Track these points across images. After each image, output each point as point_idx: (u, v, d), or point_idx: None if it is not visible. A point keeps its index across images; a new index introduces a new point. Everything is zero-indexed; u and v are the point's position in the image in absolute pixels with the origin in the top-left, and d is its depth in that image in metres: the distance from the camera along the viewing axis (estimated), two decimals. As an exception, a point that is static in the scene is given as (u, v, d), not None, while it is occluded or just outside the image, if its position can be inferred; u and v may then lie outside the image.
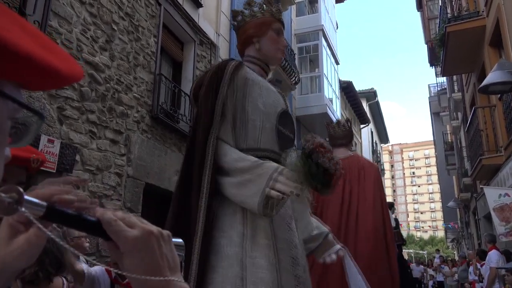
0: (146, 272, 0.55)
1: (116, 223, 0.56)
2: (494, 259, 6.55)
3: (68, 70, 0.50)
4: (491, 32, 7.98)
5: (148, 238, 0.56)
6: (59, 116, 4.60)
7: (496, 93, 6.80)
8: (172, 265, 0.58)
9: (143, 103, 6.11)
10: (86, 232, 0.59)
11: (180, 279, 0.57)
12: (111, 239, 0.56)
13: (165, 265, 0.56)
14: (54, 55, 0.49)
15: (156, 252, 0.56)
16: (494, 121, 8.52)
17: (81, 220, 0.56)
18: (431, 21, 16.70)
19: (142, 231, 0.56)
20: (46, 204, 0.53)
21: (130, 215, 0.58)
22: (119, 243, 0.56)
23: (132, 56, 5.94)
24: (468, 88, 11.80)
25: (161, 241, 0.57)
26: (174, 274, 0.57)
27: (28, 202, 0.51)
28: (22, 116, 0.53)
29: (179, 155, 6.92)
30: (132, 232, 0.56)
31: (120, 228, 0.55)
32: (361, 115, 22.68)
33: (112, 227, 0.55)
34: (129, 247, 0.55)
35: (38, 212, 0.52)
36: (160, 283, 0.55)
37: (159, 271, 0.55)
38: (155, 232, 0.57)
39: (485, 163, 8.35)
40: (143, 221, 0.59)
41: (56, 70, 0.48)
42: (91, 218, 0.57)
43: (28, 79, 0.49)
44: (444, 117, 21.91)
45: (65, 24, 4.76)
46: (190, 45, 7.77)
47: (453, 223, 25.34)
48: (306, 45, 14.32)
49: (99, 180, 5.12)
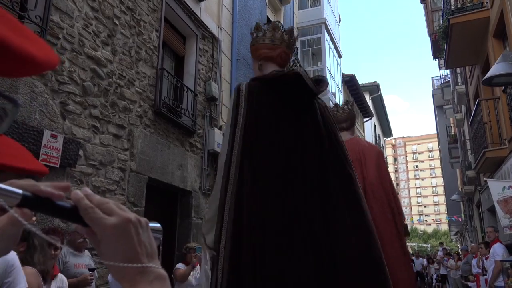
0: (124, 259, 0.55)
1: (92, 210, 0.55)
2: (500, 252, 6.54)
3: (43, 56, 0.50)
4: (495, 23, 7.91)
5: (126, 225, 0.56)
6: (61, 111, 4.60)
7: (500, 85, 6.75)
8: (149, 252, 0.58)
9: (145, 98, 6.10)
10: (63, 219, 0.59)
11: (157, 265, 0.57)
12: (88, 225, 0.56)
13: (143, 252, 0.56)
14: (29, 42, 0.49)
15: (134, 239, 0.56)
16: (498, 114, 8.46)
17: (57, 207, 0.56)
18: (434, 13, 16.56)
19: (120, 218, 0.56)
20: (21, 192, 0.53)
21: (108, 202, 0.57)
22: (96, 230, 0.55)
23: (134, 51, 5.93)
24: (472, 81, 11.73)
25: (139, 228, 0.57)
26: (152, 260, 0.57)
27: (3, 190, 0.51)
28: None
29: (182, 150, 6.93)
30: (109, 220, 0.55)
31: (97, 216, 0.55)
32: (364, 109, 22.61)
33: (88, 214, 0.55)
34: (107, 234, 0.55)
35: (14, 200, 0.52)
36: (138, 270, 0.55)
37: (137, 258, 0.55)
38: (133, 219, 0.57)
39: (489, 155, 8.31)
40: (121, 207, 0.58)
41: (32, 56, 0.48)
42: (67, 205, 0.56)
43: (4, 66, 0.49)
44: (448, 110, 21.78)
45: (66, 19, 4.75)
46: (192, 39, 7.75)
47: (456, 217, 25.31)
48: (309, 39, 14.26)
49: (103, 175, 5.13)
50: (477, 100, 9.28)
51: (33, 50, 0.48)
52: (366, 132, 25.12)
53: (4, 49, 0.44)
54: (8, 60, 0.47)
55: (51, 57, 0.52)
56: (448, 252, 16.31)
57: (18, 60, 0.47)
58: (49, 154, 4.22)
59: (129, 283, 0.55)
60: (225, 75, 8.60)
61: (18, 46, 0.46)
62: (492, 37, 8.33)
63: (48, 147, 4.22)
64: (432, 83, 28.71)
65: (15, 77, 0.57)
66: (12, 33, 0.46)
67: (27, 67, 0.50)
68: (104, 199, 0.57)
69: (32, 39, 0.50)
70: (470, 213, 18.09)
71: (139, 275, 0.55)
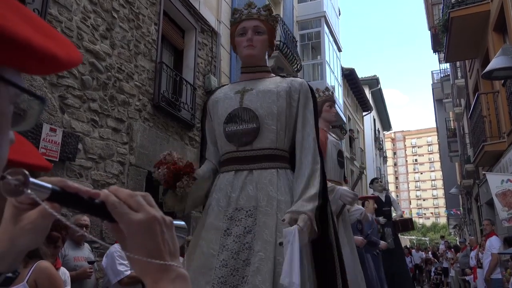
0: (148, 255, 0.56)
1: (120, 206, 0.57)
2: (496, 245, 6.58)
3: (66, 55, 0.51)
4: (495, 17, 7.88)
5: (151, 222, 0.57)
6: (60, 104, 4.60)
7: (500, 79, 6.75)
8: (172, 251, 0.59)
9: (144, 92, 6.10)
10: (91, 214, 0.60)
11: (180, 264, 0.59)
12: (115, 221, 0.57)
13: (166, 250, 0.58)
14: (52, 41, 0.50)
15: (158, 236, 0.58)
16: (497, 107, 8.47)
17: (86, 202, 0.57)
18: (434, 7, 16.50)
19: (146, 215, 0.57)
20: (51, 186, 0.54)
21: (136, 195, 0.59)
22: (123, 226, 0.57)
23: (133, 44, 5.91)
24: (472, 74, 11.71)
25: (163, 227, 0.59)
26: (174, 259, 0.59)
27: (33, 184, 0.52)
28: (24, 100, 0.54)
29: (181, 144, 6.93)
30: (136, 216, 0.57)
31: (124, 211, 0.57)
32: (363, 103, 22.60)
33: (116, 209, 0.57)
34: (133, 230, 0.57)
35: (44, 194, 0.54)
36: (160, 267, 0.56)
37: (160, 255, 0.57)
38: (159, 217, 0.58)
39: (488, 149, 8.33)
40: (150, 201, 0.60)
41: (55, 55, 0.49)
42: (96, 200, 0.58)
43: (27, 65, 0.50)
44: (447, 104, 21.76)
45: (65, 12, 4.73)
46: (191, 33, 7.72)
47: (455, 210, 25.40)
48: (308, 32, 14.21)
49: (102, 169, 5.14)
50: (477, 94, 9.28)
51: (55, 49, 0.49)
52: (365, 126, 25.12)
53: (26, 48, 0.45)
54: (31, 59, 0.48)
55: (74, 55, 0.53)
56: (449, 245, 16.40)
57: (42, 59, 0.48)
58: (48, 148, 4.23)
59: (152, 279, 0.56)
60: (224, 69, 8.58)
61: (40, 45, 0.47)
62: (492, 31, 8.31)
63: (47, 141, 4.22)
64: (432, 77, 28.68)
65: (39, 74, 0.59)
66: (34, 32, 0.46)
67: (50, 65, 0.51)
68: (132, 192, 0.59)
69: (53, 37, 0.51)
70: (469, 206, 18.16)
71: (162, 272, 0.56)
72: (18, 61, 0.48)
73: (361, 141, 23.60)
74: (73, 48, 0.54)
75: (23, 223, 0.57)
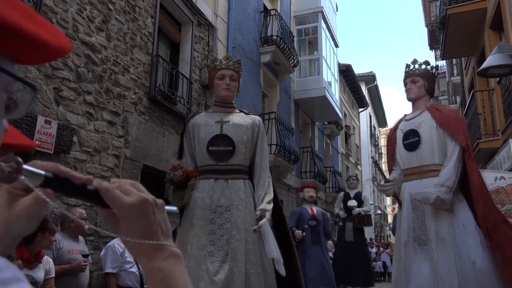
0: (141, 236, 0.58)
1: (113, 190, 0.59)
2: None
3: (57, 42, 0.52)
4: (492, 14, 7.90)
5: (143, 204, 0.59)
6: (55, 97, 4.57)
7: (495, 76, 6.77)
8: (165, 231, 0.61)
9: (140, 85, 6.07)
10: (84, 200, 0.62)
11: (172, 244, 0.61)
12: (108, 206, 0.59)
13: (158, 230, 0.60)
14: (43, 28, 0.50)
15: (151, 218, 0.60)
16: (492, 105, 8.51)
17: (79, 188, 0.59)
18: (431, 4, 16.49)
19: (138, 198, 0.60)
20: (44, 173, 0.55)
21: (126, 182, 0.61)
22: (116, 209, 0.59)
23: (129, 37, 5.87)
24: (467, 72, 11.75)
25: (155, 208, 0.61)
26: (167, 239, 0.61)
27: (26, 171, 0.53)
28: (16, 88, 0.54)
29: (177, 137, 6.90)
30: (128, 199, 0.59)
31: (116, 195, 0.59)
32: (359, 99, 22.63)
33: (109, 193, 0.59)
34: (125, 213, 0.59)
35: (37, 180, 0.54)
36: (154, 247, 0.59)
37: (153, 236, 0.59)
38: (150, 200, 0.61)
39: (482, 146, 8.37)
40: (141, 188, 0.62)
41: (46, 41, 0.49)
42: (89, 187, 0.59)
43: (19, 52, 0.50)
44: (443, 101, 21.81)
45: (60, 3, 4.68)
46: (187, 26, 7.68)
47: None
48: (305, 27, 14.17)
49: (97, 162, 5.12)
50: (472, 91, 9.31)
51: (46, 36, 0.49)
52: (361, 122, 25.18)
53: (18, 36, 0.46)
54: (24, 47, 0.48)
55: (64, 43, 0.54)
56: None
57: (33, 46, 0.49)
58: (43, 140, 4.20)
59: (145, 258, 0.59)
60: (220, 63, 8.54)
61: (32, 32, 0.47)
62: (488, 28, 8.33)
63: (42, 133, 4.20)
64: (428, 74, 28.67)
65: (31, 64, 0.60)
66: (25, 19, 0.47)
67: (42, 53, 0.51)
68: (123, 180, 0.62)
69: (44, 25, 0.51)
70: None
71: (155, 251, 0.59)
72: (10, 48, 0.48)
73: (356, 137, 23.65)
74: (63, 36, 0.54)
75: (17, 209, 0.57)
